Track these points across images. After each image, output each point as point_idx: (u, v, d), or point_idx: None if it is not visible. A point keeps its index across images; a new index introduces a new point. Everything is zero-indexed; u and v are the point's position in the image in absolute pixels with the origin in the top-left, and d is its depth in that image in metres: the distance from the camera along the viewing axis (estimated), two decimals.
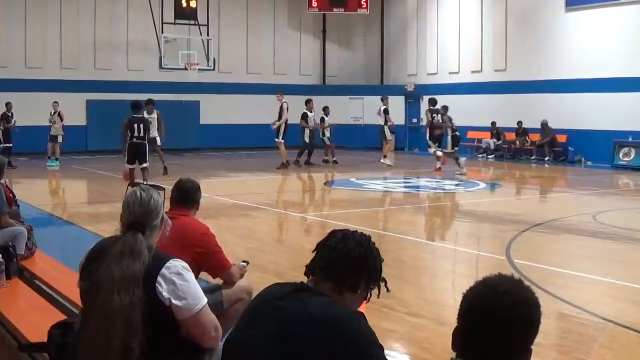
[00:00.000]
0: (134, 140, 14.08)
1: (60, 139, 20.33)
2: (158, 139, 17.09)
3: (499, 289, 1.84)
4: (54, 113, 20.37)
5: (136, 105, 14.59)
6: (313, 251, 2.45)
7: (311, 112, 20.68)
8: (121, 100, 24.45)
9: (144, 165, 14.28)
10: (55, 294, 4.72)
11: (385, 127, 20.09)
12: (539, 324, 1.86)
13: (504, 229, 10.08)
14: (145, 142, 14.35)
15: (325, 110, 21.25)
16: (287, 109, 19.29)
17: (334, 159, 20.78)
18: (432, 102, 19.21)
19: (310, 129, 20.26)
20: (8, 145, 19.64)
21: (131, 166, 14.24)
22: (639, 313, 6.05)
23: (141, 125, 14.16)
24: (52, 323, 3.04)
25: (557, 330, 5.42)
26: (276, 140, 19.58)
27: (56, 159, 20.07)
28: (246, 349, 2.28)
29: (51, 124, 20.28)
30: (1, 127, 19.81)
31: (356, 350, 2.16)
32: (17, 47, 23.56)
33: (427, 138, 18.85)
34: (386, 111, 19.99)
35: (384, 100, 20.21)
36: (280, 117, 19.38)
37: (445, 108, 19.00)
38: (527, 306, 1.83)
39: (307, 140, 20.23)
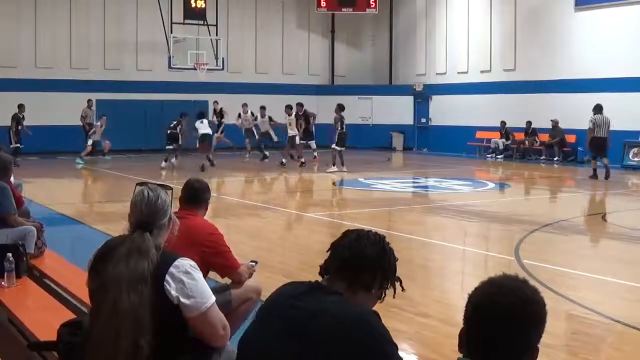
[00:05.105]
0: None
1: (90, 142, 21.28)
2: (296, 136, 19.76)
3: (505, 288, 1.84)
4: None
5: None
6: (327, 251, 2.45)
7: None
8: (130, 100, 24.62)
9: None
10: (64, 293, 4.74)
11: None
12: (545, 322, 1.86)
13: (512, 229, 10.04)
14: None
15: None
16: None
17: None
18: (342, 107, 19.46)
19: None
20: (17, 145, 19.83)
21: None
22: None
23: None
24: (62, 322, 3.04)
25: (566, 331, 5.40)
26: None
27: (80, 158, 20.55)
28: (262, 348, 2.29)
29: (92, 128, 21.29)
30: (13, 129, 19.99)
31: (372, 348, 2.16)
32: (27, 47, 23.66)
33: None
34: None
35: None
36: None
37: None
38: (533, 304, 1.84)
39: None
